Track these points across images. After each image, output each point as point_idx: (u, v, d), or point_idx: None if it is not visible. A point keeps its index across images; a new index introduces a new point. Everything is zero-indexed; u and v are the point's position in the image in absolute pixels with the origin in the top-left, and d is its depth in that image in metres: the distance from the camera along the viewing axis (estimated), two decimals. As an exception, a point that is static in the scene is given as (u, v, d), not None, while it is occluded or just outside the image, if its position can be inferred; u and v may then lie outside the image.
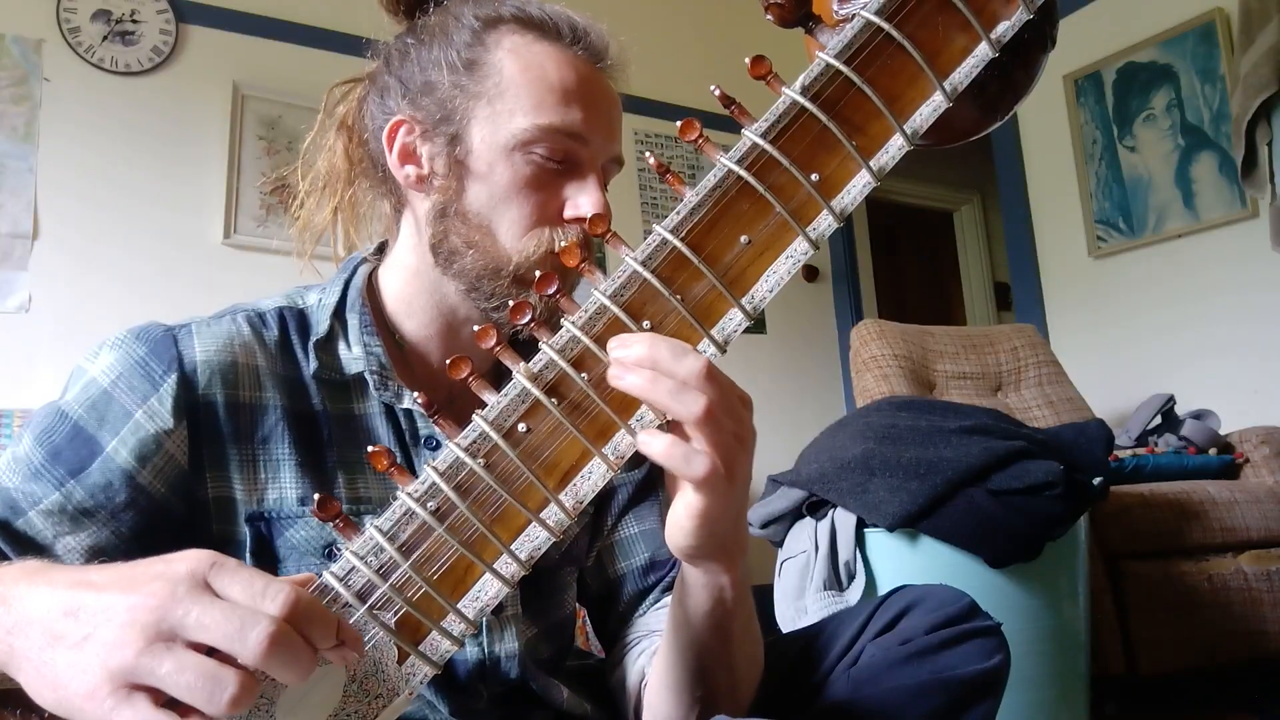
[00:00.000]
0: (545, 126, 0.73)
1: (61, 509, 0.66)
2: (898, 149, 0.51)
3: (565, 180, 0.75)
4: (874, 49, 0.50)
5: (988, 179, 4.26)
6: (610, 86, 0.79)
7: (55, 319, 2.49)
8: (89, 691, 0.42)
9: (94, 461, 0.67)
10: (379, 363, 0.76)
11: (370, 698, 0.49)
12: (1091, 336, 3.21)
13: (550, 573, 0.82)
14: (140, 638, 0.42)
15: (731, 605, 0.63)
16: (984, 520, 1.54)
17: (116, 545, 0.67)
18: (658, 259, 0.51)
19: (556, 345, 0.51)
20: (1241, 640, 1.99)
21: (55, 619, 0.44)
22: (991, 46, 0.50)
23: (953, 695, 0.67)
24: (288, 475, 0.72)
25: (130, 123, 2.67)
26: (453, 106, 0.75)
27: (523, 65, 0.75)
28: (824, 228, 0.51)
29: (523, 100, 0.74)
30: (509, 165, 0.74)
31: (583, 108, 0.74)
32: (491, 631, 0.75)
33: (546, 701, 0.78)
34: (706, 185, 0.51)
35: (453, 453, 0.50)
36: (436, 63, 0.76)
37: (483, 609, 0.50)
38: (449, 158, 0.75)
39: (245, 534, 0.70)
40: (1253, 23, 2.42)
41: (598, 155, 0.76)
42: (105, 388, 0.69)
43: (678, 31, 3.74)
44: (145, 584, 0.43)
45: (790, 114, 0.51)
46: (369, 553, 0.49)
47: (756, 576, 3.22)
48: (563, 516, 0.51)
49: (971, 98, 0.53)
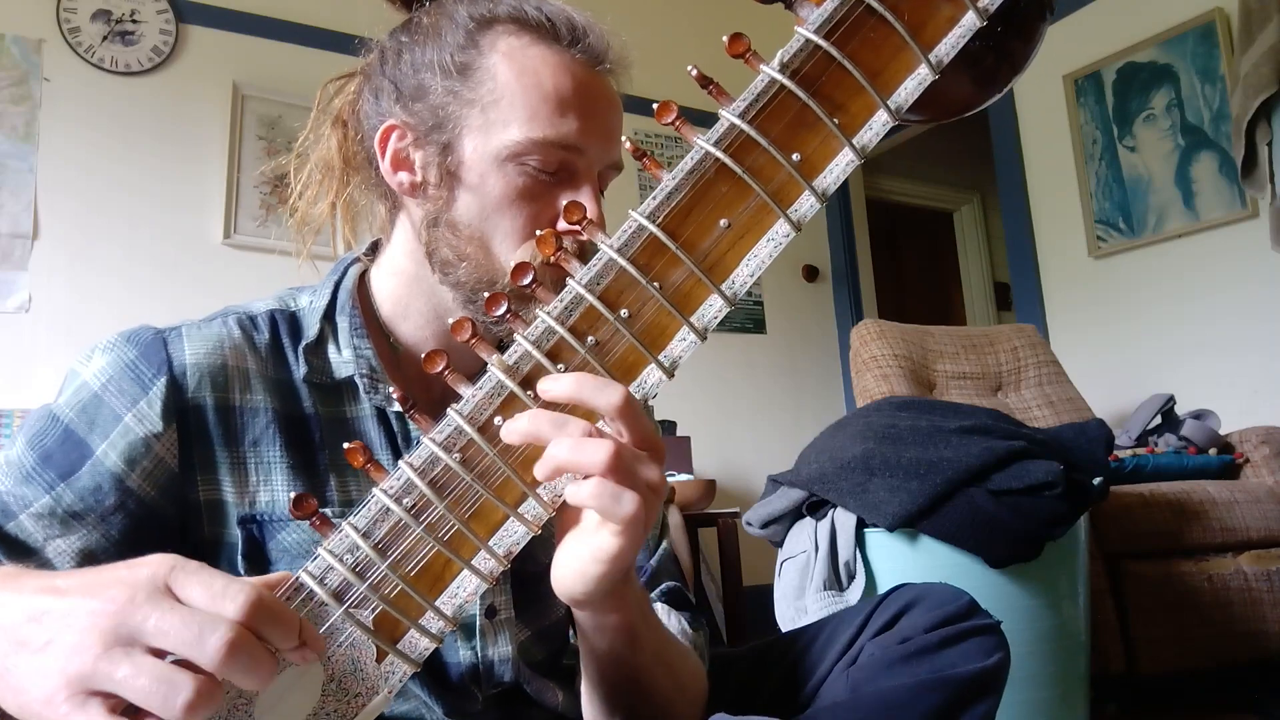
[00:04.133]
0: (539, 140, 0.70)
1: (51, 512, 0.66)
2: (882, 125, 0.49)
3: (560, 190, 0.73)
4: (854, 22, 0.48)
5: (988, 179, 4.26)
6: (610, 89, 0.76)
7: (55, 319, 2.49)
8: (46, 697, 0.42)
9: (84, 465, 0.67)
10: (369, 365, 0.75)
11: (349, 696, 0.48)
12: (1091, 336, 3.21)
13: (542, 577, 0.82)
14: (99, 643, 0.41)
15: (627, 642, 0.62)
16: (984, 520, 1.54)
17: (106, 549, 0.67)
18: (634, 246, 0.50)
19: (531, 337, 0.50)
20: (1241, 640, 1.99)
21: (20, 624, 0.44)
22: (979, 15, 0.48)
23: (952, 694, 0.67)
24: (279, 478, 0.72)
25: (130, 123, 2.67)
26: (445, 114, 0.73)
27: (517, 71, 0.72)
28: (806, 209, 0.49)
29: (517, 109, 0.71)
30: (501, 176, 0.72)
31: (579, 116, 0.72)
32: (485, 635, 0.75)
33: (541, 703, 0.78)
34: (684, 169, 0.50)
35: (428, 448, 0.49)
36: (430, 65, 0.74)
37: (461, 605, 0.50)
38: (441, 167, 0.74)
39: (237, 537, 0.70)
40: (1253, 23, 2.42)
41: (594, 163, 0.74)
42: (96, 391, 0.69)
43: (677, 32, 3.74)
44: (107, 589, 0.43)
45: (769, 92, 0.49)
46: (345, 551, 0.49)
47: (757, 576, 3.22)
48: (540, 511, 0.51)
49: (966, 70, 0.51)
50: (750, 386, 3.64)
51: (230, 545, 0.70)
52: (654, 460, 0.51)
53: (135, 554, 0.47)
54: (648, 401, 0.52)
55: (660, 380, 0.51)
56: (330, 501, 0.72)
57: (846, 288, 3.97)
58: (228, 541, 0.71)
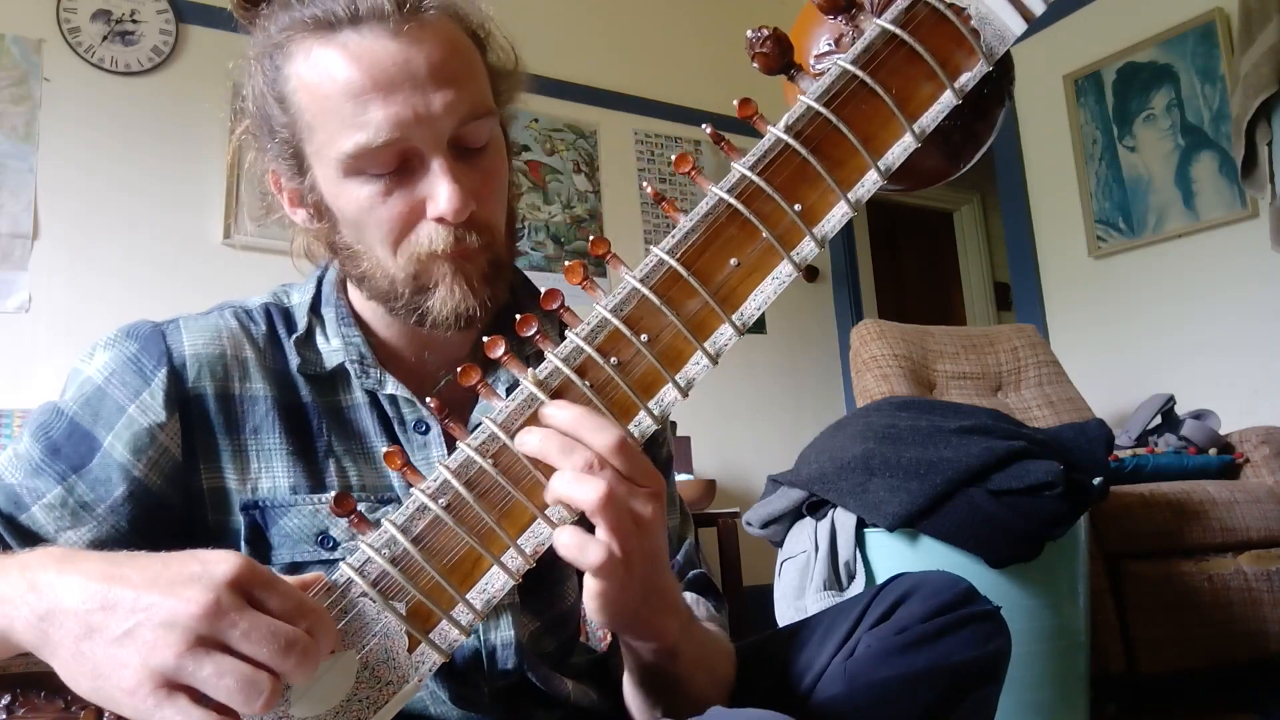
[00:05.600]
0: (354, 151, 0.66)
1: (63, 503, 0.68)
2: (873, 183, 0.56)
3: (413, 178, 0.68)
4: (850, 93, 0.56)
5: (988, 179, 4.25)
6: (410, 46, 0.66)
7: (55, 319, 2.49)
8: (131, 687, 0.44)
9: (94, 457, 0.69)
10: (358, 352, 0.76)
11: (381, 684, 0.51)
12: (1091, 336, 3.21)
13: (549, 565, 0.82)
14: (181, 641, 0.44)
15: (669, 657, 0.65)
16: (984, 520, 1.54)
17: (117, 539, 0.68)
18: (655, 277, 0.55)
19: (561, 355, 0.55)
20: (1241, 640, 1.99)
21: (91, 611, 0.46)
22: (955, 94, 0.56)
23: (951, 683, 0.66)
24: (279, 465, 0.73)
25: (130, 123, 2.67)
26: (291, 150, 0.72)
27: (313, 84, 0.68)
28: (806, 253, 0.56)
29: (328, 127, 0.67)
30: (349, 195, 0.69)
31: (383, 103, 0.65)
32: (486, 621, 0.75)
33: (549, 693, 0.78)
34: (700, 212, 0.56)
35: (463, 451, 0.53)
36: (262, 97, 0.72)
37: (489, 600, 0.53)
38: (311, 200, 0.73)
39: (240, 523, 0.72)
40: (1253, 23, 2.42)
41: (430, 138, 0.67)
42: (99, 384, 0.71)
43: (678, 32, 3.74)
44: (184, 586, 0.45)
45: (775, 150, 0.56)
46: (383, 544, 0.53)
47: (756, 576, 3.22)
48: (565, 513, 0.54)
49: (938, 146, 0.59)
50: (750, 386, 3.64)
51: (234, 531, 0.72)
52: (650, 498, 0.54)
53: (146, 543, 0.51)
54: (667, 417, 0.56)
55: (676, 399, 0.56)
56: (330, 487, 0.73)
57: (846, 288, 3.97)
58: (231, 528, 0.72)
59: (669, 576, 0.63)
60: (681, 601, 0.66)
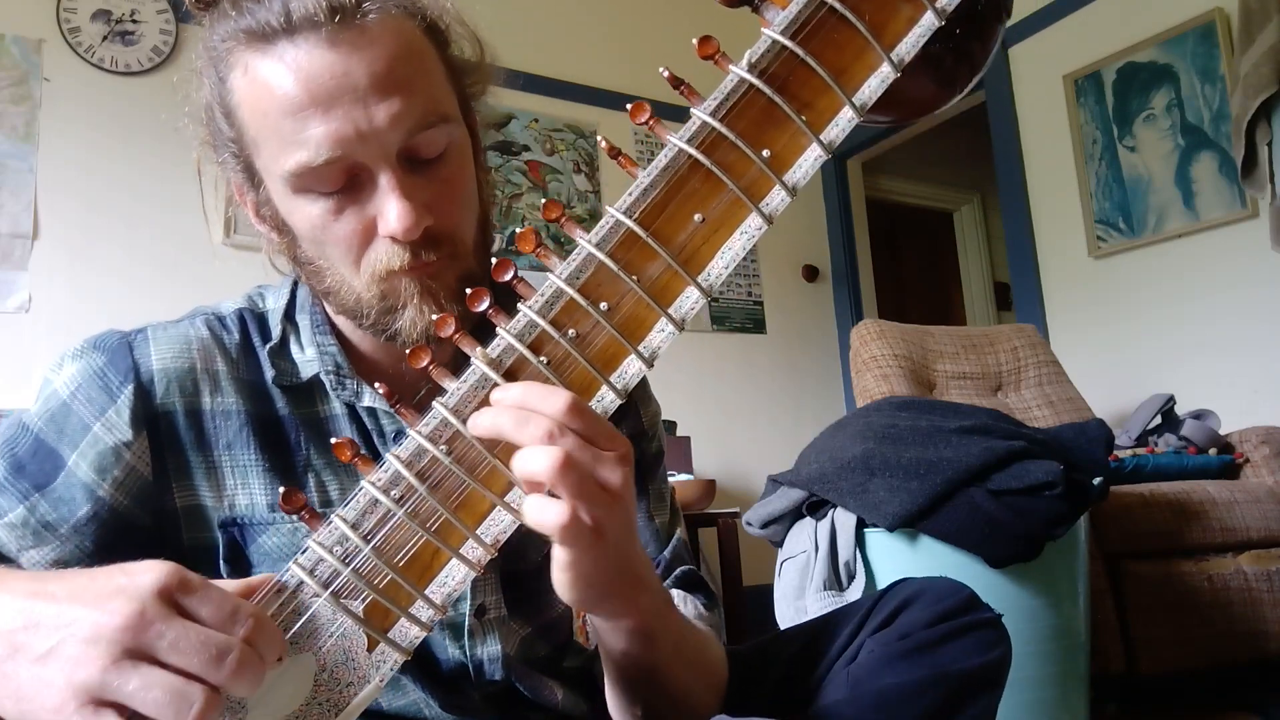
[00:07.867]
0: (296, 170, 0.62)
1: (25, 522, 0.66)
2: (847, 122, 0.51)
3: (362, 194, 0.65)
4: (819, 23, 0.50)
5: (988, 179, 4.26)
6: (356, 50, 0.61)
7: (55, 319, 2.49)
8: (56, 705, 0.42)
9: (58, 476, 0.67)
10: (334, 361, 0.73)
11: (341, 686, 0.49)
12: (1091, 336, 3.21)
13: (536, 573, 0.81)
14: (105, 654, 0.42)
15: (642, 642, 0.62)
16: (984, 520, 1.54)
17: (81, 559, 0.66)
18: (611, 240, 0.51)
19: (514, 330, 0.51)
20: (1241, 640, 1.99)
21: (15, 631, 0.44)
22: (937, 15, 0.50)
23: (953, 690, 0.66)
24: (256, 481, 0.71)
25: (130, 123, 2.67)
26: (243, 164, 0.69)
27: (252, 103, 0.64)
28: (777, 203, 0.51)
29: (271, 144, 0.64)
30: (301, 213, 0.66)
31: (323, 117, 0.61)
32: (474, 635, 0.74)
33: (539, 702, 0.77)
34: (658, 165, 0.51)
35: (414, 440, 0.50)
36: (210, 110, 0.69)
37: (450, 594, 0.51)
38: (269, 215, 0.70)
39: (218, 540, 0.70)
40: (1253, 23, 2.42)
41: (376, 150, 0.62)
42: (65, 400, 0.69)
43: (678, 32, 3.74)
44: (108, 599, 0.43)
45: (739, 91, 0.51)
46: (334, 542, 0.50)
47: (756, 576, 3.21)
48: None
49: (928, 71, 0.53)
50: (750, 386, 3.64)
51: (212, 549, 0.70)
52: (616, 462, 0.50)
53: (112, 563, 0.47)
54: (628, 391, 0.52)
55: (640, 370, 0.51)
56: (310, 503, 0.71)
57: (846, 288, 3.97)
58: (208, 545, 0.70)
59: (639, 547, 0.60)
60: (655, 579, 0.63)
